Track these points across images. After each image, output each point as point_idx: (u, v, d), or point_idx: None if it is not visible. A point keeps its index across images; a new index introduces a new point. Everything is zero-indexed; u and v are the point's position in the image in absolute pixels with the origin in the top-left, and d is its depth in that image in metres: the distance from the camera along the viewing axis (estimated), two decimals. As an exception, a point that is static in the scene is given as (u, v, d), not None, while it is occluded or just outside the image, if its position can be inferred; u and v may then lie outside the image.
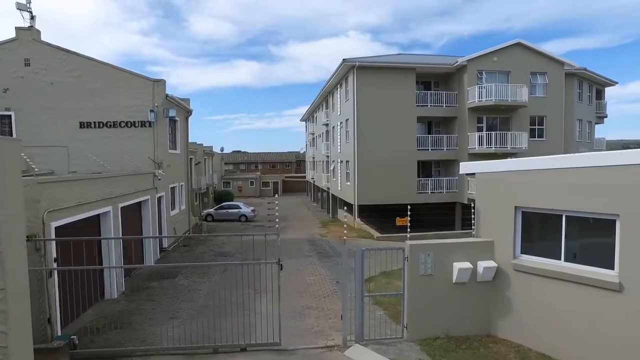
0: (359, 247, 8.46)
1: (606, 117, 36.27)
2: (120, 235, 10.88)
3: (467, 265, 7.60)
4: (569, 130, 30.07)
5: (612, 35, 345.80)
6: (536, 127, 27.93)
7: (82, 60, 15.65)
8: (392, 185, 26.95)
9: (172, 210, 17.85)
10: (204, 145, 35.89)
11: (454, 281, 7.72)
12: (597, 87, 34.80)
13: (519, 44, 27.27)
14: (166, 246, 15.57)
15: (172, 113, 15.75)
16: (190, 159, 28.10)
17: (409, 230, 8.62)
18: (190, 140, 26.41)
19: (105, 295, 10.27)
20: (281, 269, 7.54)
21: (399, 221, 8.21)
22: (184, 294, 10.71)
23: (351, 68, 26.66)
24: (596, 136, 35.33)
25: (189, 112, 20.37)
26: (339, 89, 31.68)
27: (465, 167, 8.48)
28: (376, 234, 21.57)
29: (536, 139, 27.62)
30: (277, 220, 10.15)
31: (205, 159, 34.76)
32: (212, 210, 33.29)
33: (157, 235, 13.66)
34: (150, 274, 12.73)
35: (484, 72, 26.87)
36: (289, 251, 16.67)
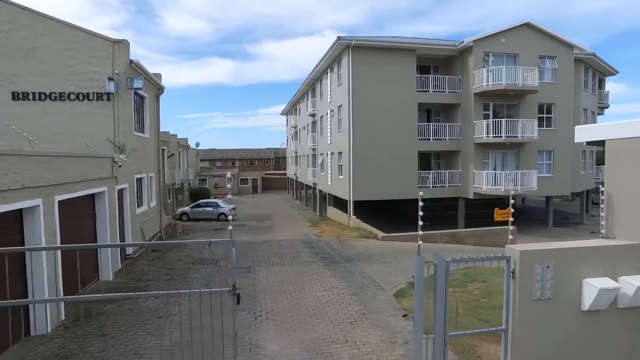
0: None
1: (607, 107, 34.65)
2: (58, 240, 7.60)
3: (609, 283, 4.78)
4: (576, 119, 28.05)
5: (578, 39, 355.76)
6: (544, 115, 25.74)
7: (12, 10, 12.03)
8: (391, 179, 24.23)
9: (139, 206, 14.50)
10: (178, 136, 32.29)
11: (585, 308, 4.87)
12: (599, 75, 33.08)
13: (527, 25, 24.97)
14: (130, 252, 12.28)
15: (138, 84, 12.44)
16: (163, 149, 24.60)
17: (510, 226, 5.54)
18: (162, 130, 22.96)
19: (33, 330, 6.98)
20: (238, 303, 4.26)
21: (498, 215, 5.56)
22: (150, 323, 7.53)
23: (346, 47, 23.75)
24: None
25: (160, 90, 17.00)
26: (329, 74, 28.72)
27: (585, 131, 5.62)
28: (380, 234, 18.77)
29: (544, 128, 25.42)
30: (230, 226, 6.57)
31: (179, 151, 31.19)
32: (187, 208, 29.79)
33: (110, 243, 10.33)
34: (109, 291, 9.44)
35: (490, 55, 24.44)
36: (286, 256, 13.62)
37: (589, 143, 5.81)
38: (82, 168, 9.11)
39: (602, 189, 5.80)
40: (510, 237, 4.65)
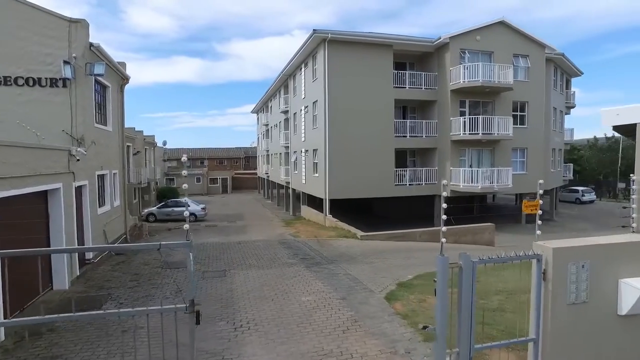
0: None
1: (574, 107, 35.47)
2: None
3: (650, 284, 4.21)
4: (546, 118, 28.41)
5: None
6: (518, 113, 25.87)
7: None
8: (367, 177, 23.69)
9: (100, 206, 13.22)
10: (144, 133, 30.60)
11: (622, 312, 4.28)
12: (566, 76, 33.79)
13: (502, 23, 25.04)
14: (91, 257, 11.05)
15: (99, 70, 11.20)
16: (128, 146, 23.09)
17: (539, 220, 4.86)
18: (127, 126, 21.41)
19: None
20: (198, 322, 3.29)
21: (526, 208, 4.96)
22: (114, 340, 6.50)
23: (322, 41, 23.01)
24: (565, 126, 34.36)
25: (125, 80, 15.67)
26: (303, 70, 27.90)
27: (613, 115, 5.03)
28: (359, 233, 18.11)
29: (518, 126, 25.54)
30: (186, 225, 5.69)
31: (146, 149, 29.55)
32: (154, 208, 28.21)
33: (62, 247, 9.11)
34: (62, 304, 8.28)
35: (466, 52, 24.32)
36: (263, 258, 12.70)
37: (616, 128, 5.28)
38: (31, 161, 7.92)
39: (634, 177, 5.28)
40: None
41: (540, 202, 4.80)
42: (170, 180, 52.79)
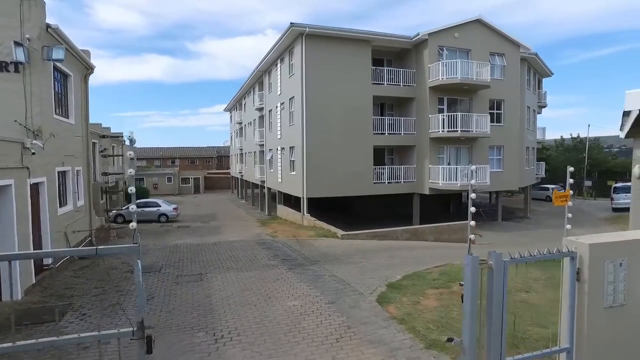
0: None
1: (545, 106, 36.13)
2: None
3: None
4: (521, 116, 28.70)
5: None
6: (494, 111, 25.93)
7: None
8: (346, 175, 23.17)
9: (61, 206, 12.09)
10: (112, 130, 29.04)
11: (662, 316, 3.81)
12: (538, 76, 34.35)
13: (479, 21, 25.02)
14: (50, 262, 9.98)
15: (58, 54, 10.12)
16: (94, 143, 21.69)
17: (568, 213, 4.29)
18: (94, 122, 20.03)
19: None
20: (150, 351, 2.71)
21: (557, 200, 4.48)
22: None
23: (299, 35, 22.32)
24: (538, 125, 34.93)
25: (89, 69, 14.49)
26: (279, 65, 27.13)
27: (638, 97, 4.57)
28: (340, 232, 17.54)
29: (495, 124, 25.60)
30: (133, 224, 4.90)
31: (113, 146, 28.05)
32: (123, 209, 26.79)
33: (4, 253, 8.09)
34: (14, 315, 7.27)
35: (444, 49, 24.15)
36: (241, 259, 11.90)
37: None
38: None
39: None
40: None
41: (570, 192, 4.25)
42: (140, 180, 50.84)
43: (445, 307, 7.52)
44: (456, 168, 23.04)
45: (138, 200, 27.65)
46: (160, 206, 26.89)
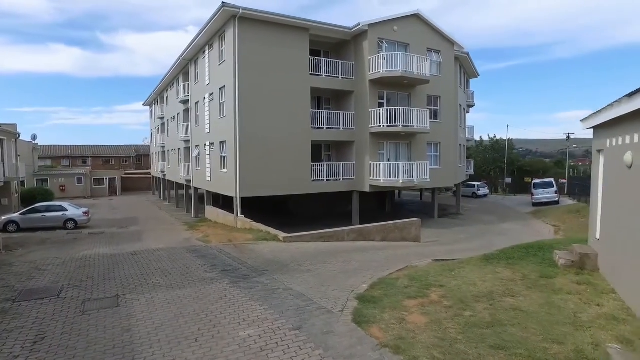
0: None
1: (473, 105, 37.31)
2: None
3: None
4: (456, 113, 29.04)
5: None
6: (432, 107, 25.77)
7: None
8: (282, 172, 21.48)
9: None
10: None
11: None
12: (467, 76, 35.30)
13: (416, 16, 24.69)
14: None
15: None
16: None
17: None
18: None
19: None
20: None
21: None
22: None
23: (231, 18, 20.19)
24: (467, 124, 35.92)
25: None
26: (207, 52, 24.64)
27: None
28: (281, 235, 15.77)
29: (432, 120, 25.42)
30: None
31: (2, 139, 23.56)
32: (16, 215, 22.47)
33: None
34: None
35: (384, 42, 23.41)
36: (171, 273, 9.67)
37: None
38: None
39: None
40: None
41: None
42: (43, 181, 44.66)
43: (437, 323, 6.17)
44: (397, 164, 22.34)
45: (38, 204, 23.63)
46: (66, 210, 23.00)
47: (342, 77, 23.53)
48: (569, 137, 55.74)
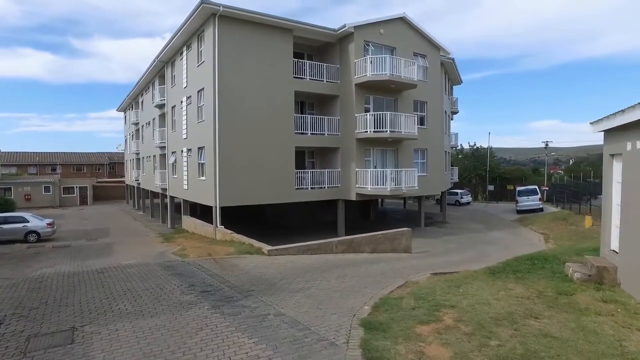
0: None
1: (457, 112, 37.01)
2: None
3: None
4: (442, 120, 28.49)
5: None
6: (418, 113, 25.10)
7: None
8: (265, 179, 20.33)
9: None
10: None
11: None
12: (451, 82, 34.98)
13: (402, 19, 24.06)
14: None
15: None
16: None
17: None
18: None
19: None
20: None
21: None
22: None
23: (211, 16, 19.04)
24: (451, 130, 35.55)
25: None
26: (185, 53, 23.36)
27: None
28: (265, 247, 14.55)
29: (419, 126, 24.73)
30: None
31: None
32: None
33: None
34: None
35: (370, 45, 22.65)
36: (142, 295, 8.36)
37: None
38: None
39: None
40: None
41: None
42: (6, 190, 42.04)
43: (463, 357, 5.15)
44: (385, 171, 21.47)
45: (-5, 215, 21.67)
46: (27, 221, 21.15)
47: (326, 81, 22.60)
48: (547, 145, 56.42)
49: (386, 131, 21.31)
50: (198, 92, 21.39)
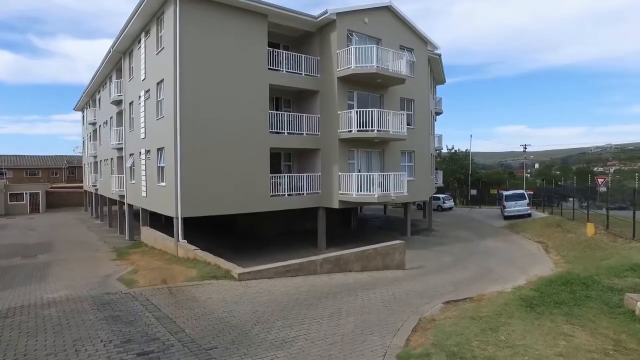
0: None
1: (441, 113, 35.21)
2: None
3: None
4: (429, 120, 26.45)
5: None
6: (405, 111, 22.89)
7: None
8: (235, 186, 17.58)
9: None
10: None
11: None
12: (435, 82, 33.14)
13: (388, 9, 21.82)
14: None
15: None
16: None
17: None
18: None
19: None
20: None
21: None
22: None
23: (171, -5, 16.20)
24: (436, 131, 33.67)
25: None
26: (143, 40, 20.35)
27: None
28: (236, 269, 11.80)
29: (406, 125, 22.52)
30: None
31: None
32: None
33: None
34: None
35: (354, 34, 20.29)
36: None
37: None
38: None
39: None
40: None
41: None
42: (-57, 197, 37.39)
43: None
44: (372, 176, 19.07)
45: None
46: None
47: (305, 74, 20.06)
48: (525, 148, 55.76)
49: (373, 130, 18.95)
50: (157, 84, 18.45)
